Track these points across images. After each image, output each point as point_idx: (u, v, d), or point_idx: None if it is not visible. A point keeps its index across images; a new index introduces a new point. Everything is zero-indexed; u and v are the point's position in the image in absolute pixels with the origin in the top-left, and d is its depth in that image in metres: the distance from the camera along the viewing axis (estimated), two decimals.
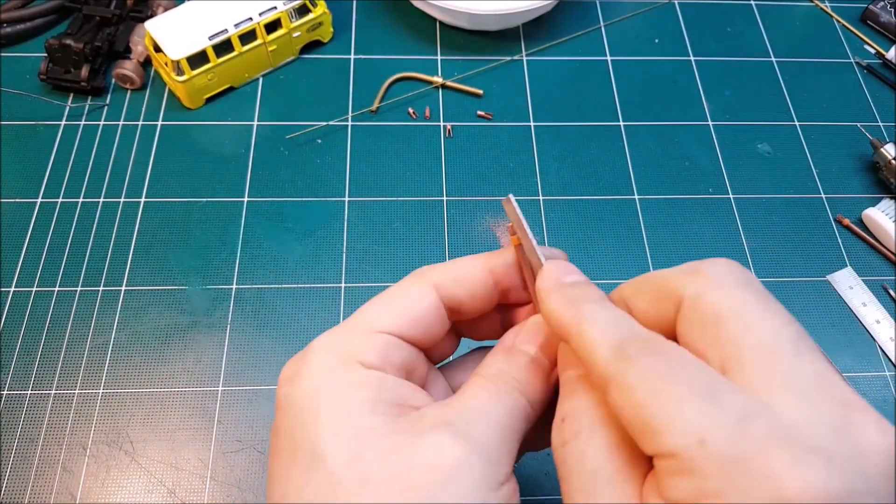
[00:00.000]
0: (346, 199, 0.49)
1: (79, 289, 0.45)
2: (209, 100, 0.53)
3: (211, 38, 0.50)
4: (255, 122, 0.53)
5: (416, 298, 0.25)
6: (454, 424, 0.21)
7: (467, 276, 0.25)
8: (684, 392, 0.17)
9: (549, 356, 0.24)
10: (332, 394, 0.22)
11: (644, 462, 0.19)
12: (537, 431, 0.24)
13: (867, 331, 0.46)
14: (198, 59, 0.50)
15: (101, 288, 0.45)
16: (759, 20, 0.61)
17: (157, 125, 0.52)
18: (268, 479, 0.22)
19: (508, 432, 0.22)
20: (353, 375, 0.22)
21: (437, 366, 0.27)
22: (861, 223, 0.50)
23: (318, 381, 0.22)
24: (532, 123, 0.54)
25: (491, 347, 0.27)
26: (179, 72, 0.50)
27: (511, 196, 0.25)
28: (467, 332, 0.28)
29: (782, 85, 0.57)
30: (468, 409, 0.22)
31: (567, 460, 0.20)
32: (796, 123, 0.55)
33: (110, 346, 0.43)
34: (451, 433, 0.21)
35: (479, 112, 0.54)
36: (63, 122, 0.52)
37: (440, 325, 0.25)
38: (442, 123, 0.53)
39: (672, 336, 0.21)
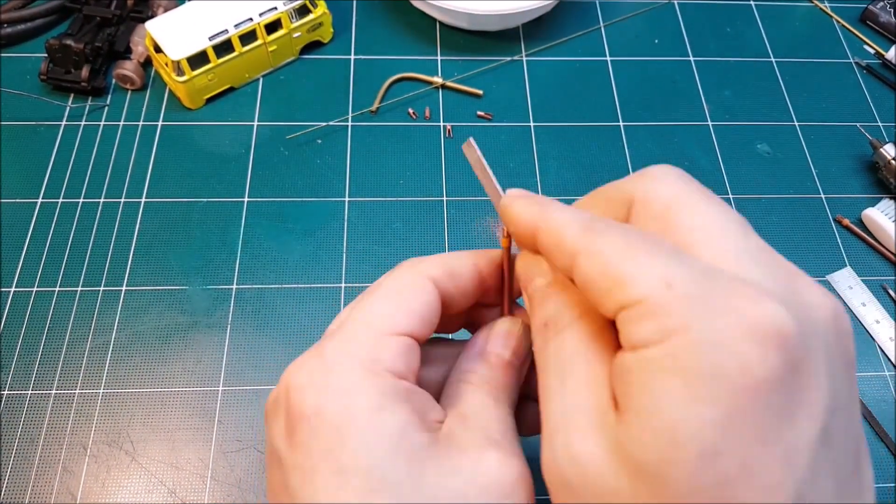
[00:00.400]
0: (346, 199, 0.49)
1: (79, 289, 0.45)
2: (209, 100, 0.53)
3: (211, 38, 0.50)
4: (256, 123, 0.53)
5: (420, 294, 0.23)
6: (497, 442, 0.22)
7: (459, 271, 0.25)
8: (652, 248, 0.18)
9: (518, 357, 0.25)
10: (373, 410, 0.20)
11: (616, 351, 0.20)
12: None
13: (867, 331, 0.46)
14: (198, 60, 0.50)
15: (101, 288, 0.45)
16: (758, 20, 0.62)
17: (157, 125, 0.52)
18: (289, 499, 0.21)
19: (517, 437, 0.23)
20: (387, 387, 0.21)
21: None
22: (861, 223, 0.50)
23: (352, 396, 0.21)
24: (532, 123, 0.54)
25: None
26: (180, 72, 0.50)
27: (472, 139, 0.25)
28: None
29: (782, 85, 0.57)
30: (493, 421, 0.23)
31: (547, 354, 0.21)
32: (796, 123, 0.55)
33: (111, 346, 0.43)
34: (501, 450, 0.22)
35: (479, 112, 0.54)
36: (63, 123, 0.52)
37: (437, 321, 0.25)
38: (442, 124, 0.53)
39: None
